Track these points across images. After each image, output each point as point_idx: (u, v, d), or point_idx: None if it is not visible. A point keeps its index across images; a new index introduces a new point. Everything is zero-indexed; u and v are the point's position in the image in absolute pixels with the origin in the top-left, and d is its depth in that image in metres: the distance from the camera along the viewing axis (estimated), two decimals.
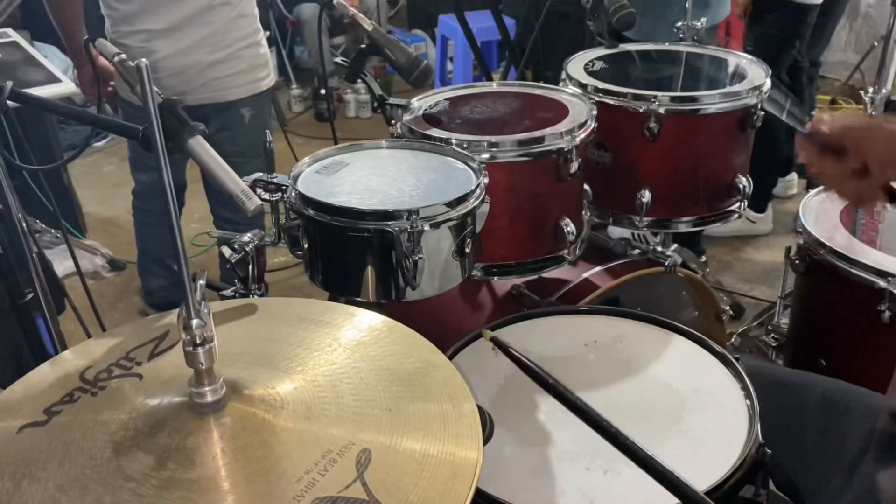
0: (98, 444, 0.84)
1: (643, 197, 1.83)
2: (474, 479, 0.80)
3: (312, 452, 0.82)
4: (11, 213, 1.38)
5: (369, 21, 1.72)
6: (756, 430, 1.19)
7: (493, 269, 1.65)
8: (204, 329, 0.83)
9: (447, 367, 0.97)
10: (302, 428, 0.86)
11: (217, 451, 0.82)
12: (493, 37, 4.54)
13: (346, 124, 4.95)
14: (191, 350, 0.83)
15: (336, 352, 0.99)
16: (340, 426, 0.86)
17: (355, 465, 0.81)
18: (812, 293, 1.79)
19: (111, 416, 0.88)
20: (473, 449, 0.84)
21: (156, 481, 0.79)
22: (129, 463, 0.81)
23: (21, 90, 1.30)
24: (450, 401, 0.90)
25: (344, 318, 1.06)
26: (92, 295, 1.98)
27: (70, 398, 0.92)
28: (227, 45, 2.19)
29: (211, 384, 0.85)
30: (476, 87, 1.93)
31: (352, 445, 0.83)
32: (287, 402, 0.89)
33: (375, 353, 0.99)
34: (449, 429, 0.86)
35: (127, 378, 0.95)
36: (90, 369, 0.97)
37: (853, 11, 4.77)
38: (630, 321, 1.51)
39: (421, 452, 0.83)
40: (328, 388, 0.92)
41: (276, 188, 1.43)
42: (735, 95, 1.80)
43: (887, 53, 2.34)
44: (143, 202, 2.56)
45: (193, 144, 1.15)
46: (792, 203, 3.55)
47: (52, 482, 0.80)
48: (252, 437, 0.84)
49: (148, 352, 1.00)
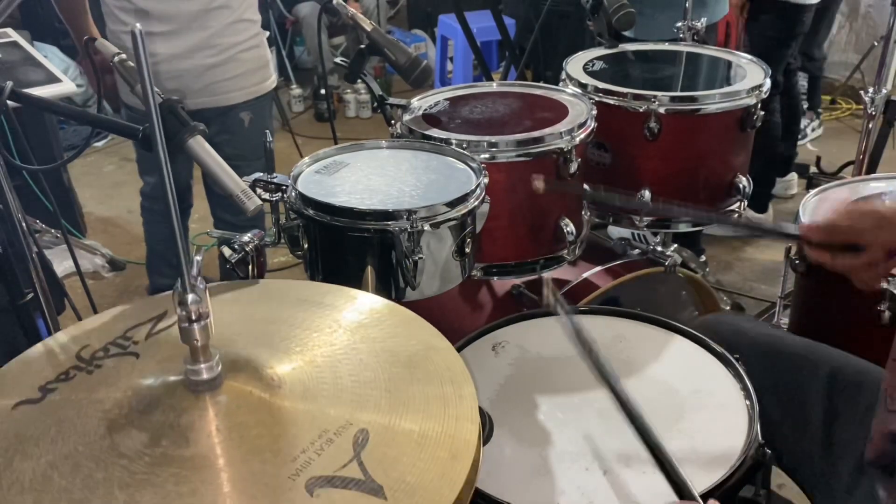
0: (92, 422, 0.84)
1: (643, 197, 1.83)
2: (473, 459, 0.79)
3: (309, 432, 0.82)
4: (11, 213, 1.38)
5: (369, 21, 1.72)
6: (756, 430, 1.19)
7: (493, 269, 1.65)
8: (199, 305, 0.82)
9: (448, 351, 0.96)
10: (299, 407, 0.85)
11: (212, 429, 0.81)
12: (493, 37, 4.55)
13: (346, 124, 4.95)
14: (186, 326, 0.82)
15: (336, 333, 0.98)
16: (338, 406, 0.86)
17: (352, 445, 0.80)
18: (812, 293, 1.78)
19: (106, 394, 0.87)
20: (473, 430, 0.83)
21: (149, 458, 0.78)
22: (122, 440, 0.81)
23: (21, 90, 1.30)
24: (450, 383, 0.89)
25: (345, 301, 1.06)
26: (92, 295, 1.98)
27: (66, 376, 0.91)
28: (226, 49, 2.19)
29: (206, 361, 0.84)
30: (476, 87, 1.93)
31: (349, 425, 0.83)
32: (284, 381, 0.89)
33: (376, 335, 0.98)
34: (449, 410, 0.85)
35: (123, 357, 0.95)
36: (87, 348, 0.96)
37: (853, 11, 4.77)
38: (630, 321, 1.51)
39: (419, 433, 0.82)
40: (327, 368, 0.92)
41: (276, 188, 1.43)
42: (735, 95, 1.80)
43: (887, 53, 2.33)
44: (150, 202, 2.57)
45: (193, 144, 1.15)
46: (792, 203, 3.55)
47: (44, 459, 0.79)
48: (248, 416, 0.83)
49: (146, 331, 0.99)
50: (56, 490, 0.76)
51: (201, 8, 2.12)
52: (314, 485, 0.76)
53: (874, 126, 2.37)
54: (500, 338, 1.49)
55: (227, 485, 0.77)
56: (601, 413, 1.27)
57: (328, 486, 0.76)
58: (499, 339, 1.48)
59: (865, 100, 2.36)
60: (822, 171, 3.78)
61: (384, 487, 0.75)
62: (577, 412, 1.28)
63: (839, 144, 4.11)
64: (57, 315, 1.56)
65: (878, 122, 2.37)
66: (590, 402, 1.30)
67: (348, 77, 1.80)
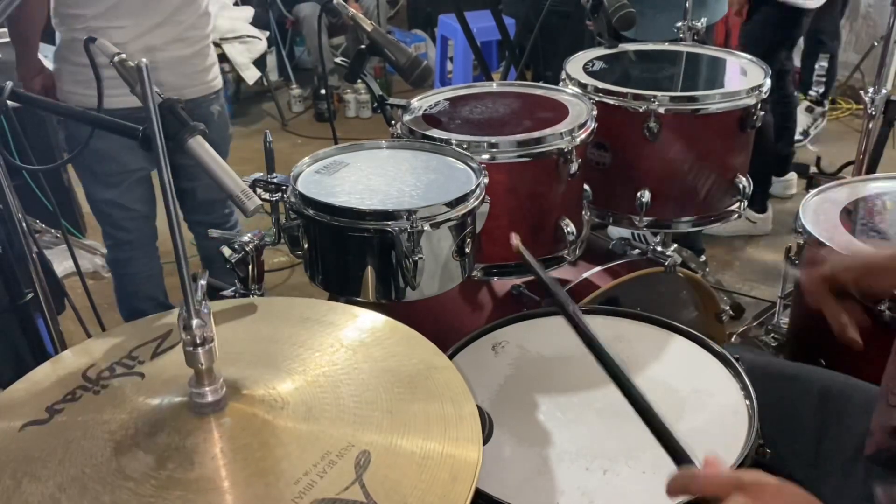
0: (98, 444, 0.84)
1: (643, 197, 1.84)
2: (474, 481, 0.79)
3: (312, 454, 0.82)
4: (11, 213, 1.38)
5: (369, 21, 1.72)
6: (756, 430, 1.19)
7: (493, 269, 1.65)
8: (204, 329, 0.83)
9: (449, 369, 0.96)
10: (302, 429, 0.86)
11: (216, 452, 0.82)
12: (493, 37, 4.55)
13: (346, 124, 4.95)
14: (191, 350, 0.83)
15: (338, 352, 0.99)
16: (340, 427, 0.86)
17: (354, 466, 0.81)
18: None
19: (112, 416, 0.88)
20: (473, 451, 0.83)
21: (155, 481, 0.79)
22: (128, 462, 0.81)
23: (21, 90, 1.30)
24: (451, 403, 0.90)
25: (346, 319, 1.06)
26: (92, 295, 1.98)
27: (72, 397, 0.92)
28: (197, 41, 2.21)
29: (211, 384, 0.85)
30: (476, 87, 1.93)
31: (351, 447, 0.83)
32: (287, 402, 0.89)
33: (377, 354, 0.99)
34: (449, 431, 0.86)
35: (129, 377, 0.95)
36: (93, 368, 0.97)
37: (853, 11, 4.77)
38: (630, 321, 1.52)
39: (420, 454, 0.83)
40: (329, 388, 0.92)
41: (276, 188, 1.43)
42: (735, 95, 1.80)
43: (887, 53, 2.34)
44: (123, 252, 2.43)
45: (193, 144, 1.15)
46: (792, 203, 3.56)
47: (52, 481, 0.80)
48: (252, 438, 0.84)
49: (150, 351, 1.00)
50: None
51: (177, 5, 2.13)
52: None
53: (874, 126, 2.37)
54: (500, 338, 1.49)
55: None
56: (601, 413, 1.28)
57: None
58: (499, 339, 1.48)
59: (865, 100, 2.36)
60: (822, 171, 3.78)
61: None
62: (577, 412, 1.28)
63: (839, 144, 4.11)
64: (57, 315, 1.56)
65: (878, 122, 2.37)
66: (590, 402, 1.30)
67: (348, 77, 1.80)
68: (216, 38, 4.67)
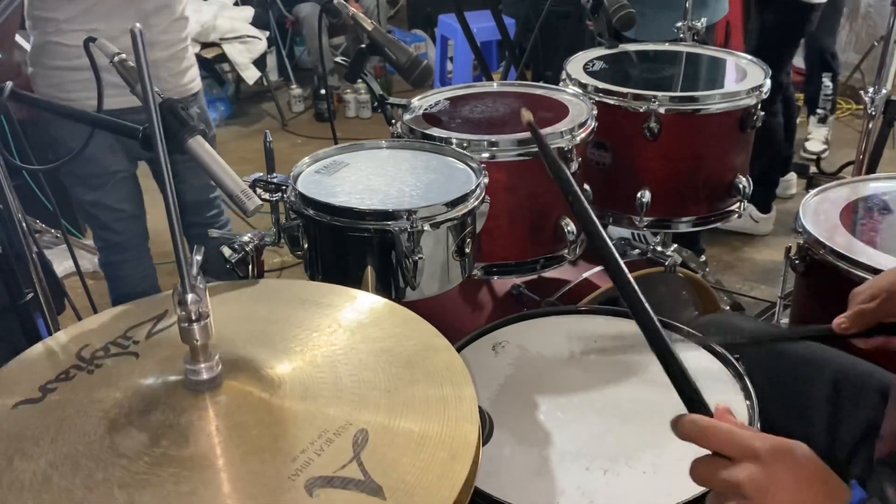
0: (92, 422, 0.84)
1: (643, 197, 1.84)
2: (473, 460, 0.79)
3: (309, 432, 0.82)
4: (11, 213, 1.38)
5: (369, 21, 1.72)
6: (756, 429, 1.19)
7: (493, 269, 1.65)
8: (199, 304, 0.82)
9: (448, 351, 0.95)
10: (299, 407, 0.85)
11: (212, 429, 0.81)
12: (493, 37, 4.55)
13: (346, 124, 4.95)
14: (186, 325, 0.82)
15: (336, 333, 0.98)
16: (338, 406, 0.85)
17: (352, 445, 0.80)
18: (812, 293, 1.78)
19: (106, 394, 0.87)
20: (472, 431, 0.83)
21: (148, 458, 0.78)
22: (122, 440, 0.81)
23: (21, 90, 1.30)
24: (450, 383, 0.89)
25: (344, 300, 1.06)
26: (92, 295, 1.98)
27: (66, 376, 0.91)
28: (170, 45, 2.20)
29: (206, 361, 0.84)
30: (476, 87, 1.93)
31: (349, 426, 0.82)
32: (284, 381, 0.89)
33: (376, 335, 0.98)
34: (448, 411, 0.85)
35: (124, 356, 0.95)
36: (87, 347, 0.96)
37: (853, 11, 4.77)
38: (630, 321, 1.50)
39: (419, 434, 0.82)
40: (327, 368, 0.92)
41: (276, 188, 1.43)
42: (735, 95, 1.80)
43: (887, 53, 2.33)
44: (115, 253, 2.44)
45: (193, 144, 1.15)
46: (792, 203, 3.55)
47: (44, 458, 0.79)
48: (248, 416, 0.83)
49: (146, 331, 0.99)
50: (56, 490, 0.76)
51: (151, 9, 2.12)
52: (314, 485, 0.76)
53: (874, 126, 2.37)
54: (500, 338, 1.49)
55: (227, 485, 0.77)
56: (601, 413, 1.28)
57: (328, 487, 0.76)
58: (499, 339, 1.48)
59: (865, 100, 2.35)
60: (822, 171, 3.78)
61: (384, 488, 0.75)
62: (577, 412, 1.28)
63: (839, 144, 4.11)
64: (57, 315, 1.56)
65: (878, 122, 2.37)
66: (590, 402, 1.30)
67: (348, 77, 1.80)
68: (216, 37, 4.68)
